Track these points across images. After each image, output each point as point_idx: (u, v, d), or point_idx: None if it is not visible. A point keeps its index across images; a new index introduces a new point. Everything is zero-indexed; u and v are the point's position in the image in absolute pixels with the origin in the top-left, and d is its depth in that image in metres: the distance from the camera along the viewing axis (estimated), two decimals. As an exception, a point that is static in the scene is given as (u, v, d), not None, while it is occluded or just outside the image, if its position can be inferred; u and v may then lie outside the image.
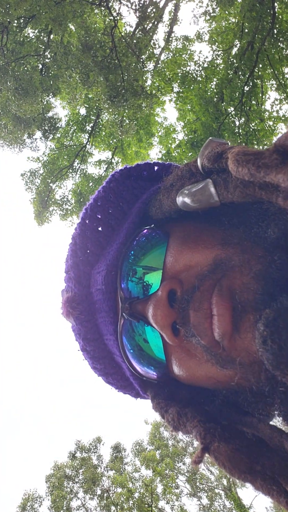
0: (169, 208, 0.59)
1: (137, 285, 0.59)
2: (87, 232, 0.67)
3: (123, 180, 0.69)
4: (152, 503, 15.03)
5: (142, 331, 0.58)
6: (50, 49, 9.70)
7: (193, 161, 0.56)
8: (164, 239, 0.59)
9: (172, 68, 10.20)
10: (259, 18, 8.53)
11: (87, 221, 0.68)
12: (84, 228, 0.68)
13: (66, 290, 0.69)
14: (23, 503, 15.42)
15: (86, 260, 0.67)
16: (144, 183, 0.69)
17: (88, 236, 0.67)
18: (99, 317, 0.65)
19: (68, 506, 15.24)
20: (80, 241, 0.68)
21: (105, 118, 11.86)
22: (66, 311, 0.67)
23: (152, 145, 12.36)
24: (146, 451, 16.75)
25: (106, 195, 0.68)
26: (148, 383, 0.64)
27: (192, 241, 0.55)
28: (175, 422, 0.54)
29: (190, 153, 9.76)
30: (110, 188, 0.68)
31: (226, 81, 9.22)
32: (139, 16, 9.39)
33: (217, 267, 0.49)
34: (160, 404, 0.58)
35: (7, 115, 9.99)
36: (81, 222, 0.69)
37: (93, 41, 8.14)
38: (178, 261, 0.54)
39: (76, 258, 0.68)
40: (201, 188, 0.51)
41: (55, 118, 11.61)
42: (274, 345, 0.40)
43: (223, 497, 15.79)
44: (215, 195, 0.50)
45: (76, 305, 0.66)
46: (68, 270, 0.70)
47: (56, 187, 12.18)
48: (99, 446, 17.10)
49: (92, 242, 0.67)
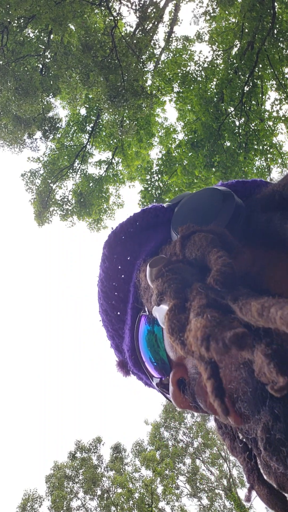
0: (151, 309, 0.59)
1: (154, 366, 0.61)
2: (107, 310, 0.68)
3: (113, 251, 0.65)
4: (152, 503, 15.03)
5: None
6: (50, 49, 9.70)
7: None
8: (159, 328, 0.58)
9: (172, 68, 10.20)
10: (259, 18, 8.53)
11: (101, 300, 0.68)
12: (101, 304, 0.69)
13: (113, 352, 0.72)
14: (23, 503, 15.43)
15: (117, 333, 0.69)
16: (133, 246, 0.64)
17: (108, 314, 0.68)
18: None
19: (68, 506, 15.25)
20: (103, 316, 0.69)
21: (105, 118, 11.87)
22: (123, 374, 0.70)
23: (152, 145, 12.37)
24: (146, 452, 16.76)
25: (104, 273, 0.66)
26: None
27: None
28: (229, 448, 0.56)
29: (190, 153, 9.76)
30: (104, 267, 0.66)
31: (226, 81, 9.22)
32: (139, 16, 9.40)
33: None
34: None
35: (7, 115, 10.00)
36: (98, 296, 0.69)
37: (93, 41, 8.14)
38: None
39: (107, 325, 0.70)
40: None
41: (55, 118, 11.61)
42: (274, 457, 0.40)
43: (223, 497, 15.79)
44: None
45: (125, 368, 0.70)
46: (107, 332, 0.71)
47: (56, 187, 12.18)
48: (99, 446, 17.11)
49: (114, 317, 0.68)
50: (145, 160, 12.36)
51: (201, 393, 0.50)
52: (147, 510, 14.81)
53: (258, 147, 9.46)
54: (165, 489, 15.64)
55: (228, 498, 15.32)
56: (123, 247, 0.64)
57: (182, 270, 0.45)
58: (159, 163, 10.73)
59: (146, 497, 15.25)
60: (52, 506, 14.97)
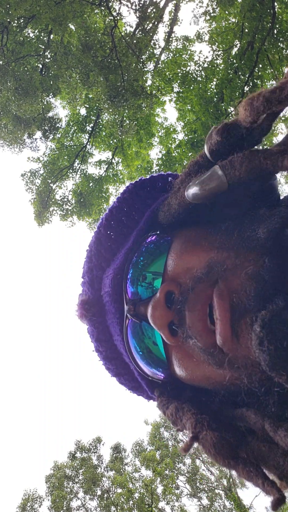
0: (177, 207, 0.62)
1: (146, 290, 0.62)
2: (101, 239, 0.72)
3: (136, 191, 0.72)
4: (152, 503, 15.03)
5: (152, 334, 0.61)
6: (50, 49, 9.70)
7: (199, 154, 0.59)
8: (167, 244, 0.62)
9: (172, 68, 10.20)
10: (259, 18, 8.53)
11: (102, 229, 0.72)
12: (99, 235, 0.73)
13: (81, 294, 0.75)
14: (23, 503, 15.42)
15: (99, 265, 0.72)
16: (157, 194, 0.72)
17: (102, 243, 0.72)
18: (108, 319, 0.70)
19: (68, 506, 15.24)
20: (95, 248, 0.73)
21: (105, 118, 11.86)
22: (80, 313, 0.71)
23: (152, 145, 12.36)
24: (146, 452, 16.75)
25: (120, 205, 0.72)
26: (155, 383, 0.67)
27: (191, 245, 0.58)
28: (173, 416, 0.57)
29: (190, 153, 9.76)
30: (124, 198, 0.72)
31: (226, 81, 9.22)
32: (139, 16, 9.39)
33: (210, 270, 0.51)
34: (163, 402, 0.62)
35: (7, 115, 9.99)
36: (97, 231, 0.73)
37: (93, 41, 8.14)
38: (177, 264, 0.57)
39: (90, 264, 0.73)
40: (209, 174, 0.54)
41: (55, 118, 11.61)
42: (271, 346, 0.41)
43: (223, 497, 15.78)
44: (223, 176, 0.53)
45: (88, 308, 0.71)
46: (84, 275, 0.75)
47: (56, 187, 12.18)
48: (99, 446, 17.09)
49: (105, 249, 0.72)
50: (145, 160, 12.35)
51: (193, 303, 0.51)
52: (147, 510, 14.81)
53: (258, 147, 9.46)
54: (165, 489, 15.64)
55: (228, 498, 15.32)
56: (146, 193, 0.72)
57: None
58: (159, 163, 10.74)
59: (146, 497, 15.25)
60: (52, 506, 14.96)
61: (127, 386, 0.74)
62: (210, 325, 0.49)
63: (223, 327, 0.47)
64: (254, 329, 0.44)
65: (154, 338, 0.61)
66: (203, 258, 0.54)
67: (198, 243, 0.57)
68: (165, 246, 0.62)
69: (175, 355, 0.57)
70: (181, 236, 0.61)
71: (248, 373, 0.48)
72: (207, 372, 0.53)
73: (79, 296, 0.75)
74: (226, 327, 0.47)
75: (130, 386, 0.73)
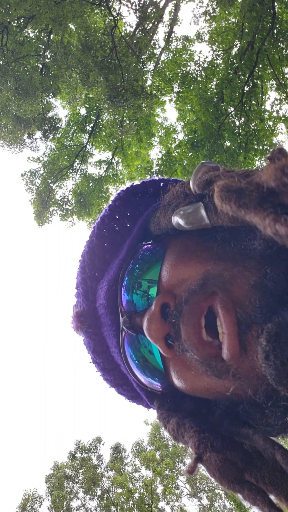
0: (165, 226, 0.61)
1: (141, 298, 0.61)
2: (94, 249, 0.71)
3: (128, 198, 0.71)
4: (152, 503, 15.03)
5: (148, 343, 0.60)
6: (50, 49, 9.70)
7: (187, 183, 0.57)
8: (161, 254, 0.61)
9: (172, 68, 10.19)
10: (259, 18, 8.52)
11: (94, 239, 0.71)
12: (92, 245, 0.72)
13: (76, 305, 0.73)
14: (23, 503, 15.41)
15: (93, 276, 0.71)
16: (149, 199, 0.72)
17: (95, 253, 0.71)
18: (104, 331, 0.69)
19: (68, 506, 15.24)
20: (88, 258, 0.72)
21: (105, 118, 11.86)
22: (75, 325, 0.70)
23: (152, 145, 12.35)
24: (146, 452, 16.75)
25: (111, 213, 0.71)
26: (154, 394, 0.66)
27: (187, 256, 0.57)
28: (174, 432, 0.56)
29: (190, 153, 9.75)
30: (115, 206, 0.71)
31: (226, 81, 9.21)
32: (139, 16, 9.39)
33: (205, 282, 0.51)
34: (163, 415, 0.61)
35: (7, 115, 9.99)
36: (89, 240, 0.72)
37: (93, 41, 8.14)
38: (172, 276, 0.56)
39: (84, 274, 0.72)
40: (193, 211, 0.53)
41: (55, 118, 11.60)
42: (277, 361, 0.41)
43: (223, 497, 15.78)
44: (206, 218, 0.52)
45: (84, 320, 0.70)
46: (78, 286, 0.73)
47: (56, 187, 12.17)
48: (99, 446, 17.09)
49: (99, 258, 0.71)
50: (145, 160, 12.35)
51: (188, 316, 0.50)
52: (147, 510, 14.80)
53: (258, 147, 9.46)
54: (165, 489, 15.63)
55: (228, 498, 15.31)
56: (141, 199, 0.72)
57: None
58: (159, 163, 10.73)
59: (146, 497, 15.24)
60: (52, 506, 14.96)
61: (126, 396, 0.73)
62: (206, 337, 0.49)
63: (231, 342, 0.46)
64: (260, 343, 0.43)
65: (150, 347, 0.60)
66: (199, 269, 0.53)
67: (193, 253, 0.56)
68: (160, 255, 0.61)
69: (173, 367, 0.56)
70: (175, 245, 0.60)
71: (253, 385, 0.47)
72: (207, 383, 0.52)
73: (74, 307, 0.73)
74: (235, 342, 0.46)
75: (129, 396, 0.72)
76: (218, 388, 0.51)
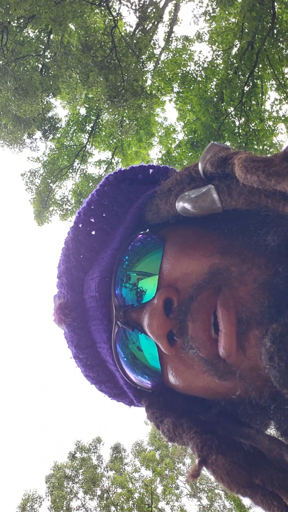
0: (166, 213, 0.57)
1: (131, 291, 0.57)
2: (80, 236, 0.66)
3: (117, 184, 0.67)
4: (152, 503, 15.02)
5: (136, 339, 0.57)
6: (50, 49, 9.70)
7: (193, 166, 0.54)
8: (160, 245, 0.57)
9: (172, 68, 10.20)
10: (259, 18, 8.52)
11: (80, 225, 0.66)
12: (77, 232, 0.66)
13: (59, 296, 0.67)
14: (23, 503, 15.41)
15: (79, 266, 0.66)
16: (139, 187, 0.68)
17: (81, 241, 0.66)
18: (92, 325, 0.63)
19: (68, 506, 15.23)
20: (73, 246, 0.66)
21: (105, 118, 11.86)
22: (58, 318, 0.65)
23: (152, 145, 12.36)
24: (146, 452, 16.74)
25: (99, 198, 0.66)
26: (142, 392, 0.62)
27: (190, 248, 0.53)
28: (170, 433, 0.53)
29: (190, 153, 9.76)
30: (104, 191, 0.66)
31: (226, 81, 9.22)
32: (139, 16, 9.39)
33: (212, 276, 0.48)
34: (155, 414, 0.57)
35: (7, 115, 9.99)
36: (73, 226, 0.67)
37: (93, 41, 8.14)
38: (175, 268, 0.53)
39: (69, 264, 0.66)
40: (203, 194, 0.49)
41: (55, 118, 11.61)
42: (282, 363, 0.39)
43: (223, 497, 15.78)
44: (218, 201, 0.48)
45: (68, 312, 0.64)
46: (61, 275, 0.68)
47: (56, 187, 12.18)
48: (99, 446, 17.08)
49: (85, 247, 0.66)
50: (144, 160, 12.35)
51: (197, 312, 0.47)
52: (147, 510, 14.80)
53: (258, 147, 9.46)
54: (165, 489, 15.62)
55: (228, 498, 15.30)
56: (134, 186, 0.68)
57: None
58: (159, 163, 10.73)
59: (146, 497, 15.24)
60: (52, 506, 14.95)
61: (108, 393, 0.69)
62: (214, 334, 0.47)
63: (228, 340, 0.44)
64: (264, 343, 0.41)
65: (138, 343, 0.57)
66: (204, 263, 0.50)
67: (198, 245, 0.53)
68: (158, 246, 0.57)
69: (172, 365, 0.53)
70: (176, 236, 0.57)
71: (256, 387, 0.45)
72: (207, 383, 0.49)
73: (56, 298, 0.67)
74: (232, 341, 0.44)
75: (112, 394, 0.68)
76: (219, 388, 0.49)
